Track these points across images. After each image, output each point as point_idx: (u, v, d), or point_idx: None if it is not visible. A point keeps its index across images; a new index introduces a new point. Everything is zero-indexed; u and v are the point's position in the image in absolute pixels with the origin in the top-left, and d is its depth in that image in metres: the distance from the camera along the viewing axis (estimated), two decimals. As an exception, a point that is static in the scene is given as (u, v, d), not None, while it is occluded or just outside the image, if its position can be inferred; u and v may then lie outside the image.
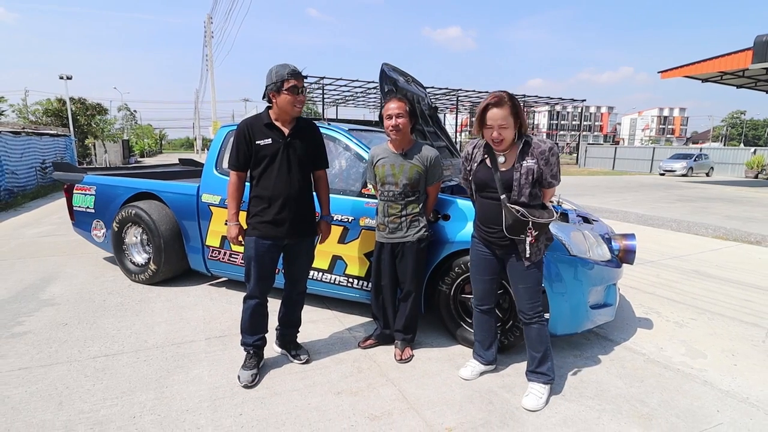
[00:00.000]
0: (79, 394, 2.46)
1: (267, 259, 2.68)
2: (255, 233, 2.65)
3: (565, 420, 2.34)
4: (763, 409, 2.47)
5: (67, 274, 4.64)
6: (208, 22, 23.48)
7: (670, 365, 2.96)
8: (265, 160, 2.60)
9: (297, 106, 2.60)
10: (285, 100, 2.54)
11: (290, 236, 2.70)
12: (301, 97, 2.59)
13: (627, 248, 3.27)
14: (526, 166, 2.32)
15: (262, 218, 2.63)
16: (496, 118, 2.27)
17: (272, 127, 2.62)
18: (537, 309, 2.49)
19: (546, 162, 2.32)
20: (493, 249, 2.53)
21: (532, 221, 2.30)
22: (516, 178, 2.33)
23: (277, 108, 2.60)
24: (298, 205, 2.69)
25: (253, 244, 2.66)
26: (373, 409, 2.38)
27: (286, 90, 2.52)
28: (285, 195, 2.62)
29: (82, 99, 28.18)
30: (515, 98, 2.31)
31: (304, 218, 2.75)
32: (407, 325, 2.99)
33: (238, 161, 2.64)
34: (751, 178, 23.80)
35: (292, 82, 2.53)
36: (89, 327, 3.34)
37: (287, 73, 2.52)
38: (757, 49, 14.89)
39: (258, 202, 2.66)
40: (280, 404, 2.41)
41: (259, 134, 2.60)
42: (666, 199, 12.71)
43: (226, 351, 3.00)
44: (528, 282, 2.46)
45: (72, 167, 5.17)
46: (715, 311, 3.95)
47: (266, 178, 2.62)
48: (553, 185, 2.40)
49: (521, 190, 2.33)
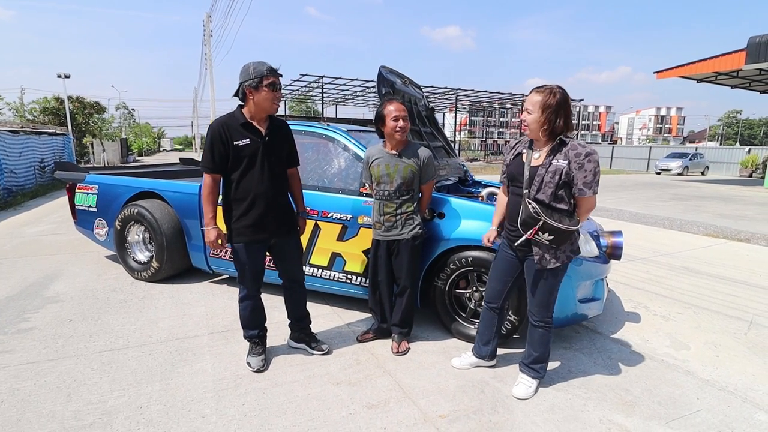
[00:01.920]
0: (86, 387, 2.56)
1: (258, 261, 2.76)
2: (243, 239, 2.66)
3: (553, 407, 2.46)
4: (741, 397, 2.60)
5: (69, 272, 4.73)
6: (207, 21, 23.51)
7: (655, 356, 3.09)
8: (245, 160, 2.57)
9: (275, 104, 2.58)
10: (264, 96, 2.52)
11: (277, 235, 2.77)
12: (279, 93, 2.59)
13: (614, 245, 3.39)
14: (555, 165, 2.26)
15: (247, 222, 2.64)
16: (529, 102, 2.31)
17: (249, 126, 2.58)
18: (545, 315, 2.50)
19: (579, 166, 2.22)
20: (515, 249, 2.49)
21: (544, 221, 2.26)
22: (541, 173, 2.29)
23: (253, 105, 2.56)
24: (280, 203, 2.74)
25: (243, 251, 2.68)
26: (370, 398, 2.50)
27: (266, 86, 2.50)
28: (267, 195, 2.63)
29: (79, 97, 28.18)
30: (560, 95, 2.24)
31: (286, 216, 2.80)
32: (403, 319, 3.11)
33: (213, 163, 2.56)
34: (745, 177, 24.01)
35: (271, 79, 2.51)
36: (94, 323, 3.44)
37: (266, 70, 2.50)
38: (750, 50, 15.06)
39: (239, 205, 2.63)
40: (281, 394, 2.52)
41: (237, 134, 2.55)
42: (660, 198, 12.86)
43: (228, 345, 3.11)
44: (541, 287, 2.44)
45: (74, 167, 5.26)
46: (701, 306, 4.08)
47: (247, 180, 2.60)
48: (585, 194, 2.24)
49: (543, 188, 2.27)
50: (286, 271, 2.96)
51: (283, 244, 2.85)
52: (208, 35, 23.50)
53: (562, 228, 2.26)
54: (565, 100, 2.26)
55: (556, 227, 2.25)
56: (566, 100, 2.26)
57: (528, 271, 2.50)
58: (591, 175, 2.23)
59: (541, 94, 2.26)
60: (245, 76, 2.52)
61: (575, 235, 2.38)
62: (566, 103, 2.26)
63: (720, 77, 18.66)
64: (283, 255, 2.89)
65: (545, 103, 2.24)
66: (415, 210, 2.99)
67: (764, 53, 14.85)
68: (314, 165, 3.78)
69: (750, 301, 4.23)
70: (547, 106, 2.23)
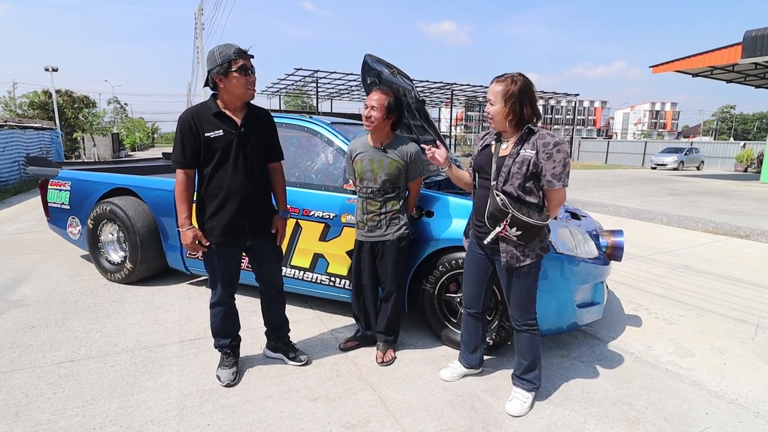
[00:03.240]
0: (38, 404, 2.32)
1: (231, 263, 2.53)
2: (215, 240, 2.43)
3: (549, 426, 2.24)
4: (753, 411, 2.40)
5: (40, 273, 4.48)
6: (199, 14, 23.09)
7: (659, 365, 2.88)
8: (217, 154, 2.33)
9: (249, 89, 2.35)
10: (235, 82, 2.28)
11: (252, 237, 2.53)
12: (252, 77, 2.35)
13: (615, 245, 3.17)
14: (522, 155, 2.14)
15: (218, 222, 2.40)
16: (491, 92, 2.21)
17: (222, 116, 2.34)
18: (527, 317, 2.34)
19: (548, 156, 2.09)
20: (484, 248, 2.36)
21: (512, 215, 2.12)
22: (508, 164, 2.16)
23: (225, 94, 2.33)
24: (257, 202, 2.48)
25: (214, 253, 2.47)
26: (349, 417, 2.27)
27: (236, 71, 2.27)
28: (242, 193, 2.39)
29: (69, 91, 27.73)
30: (521, 82, 2.14)
31: (264, 216, 2.56)
32: (389, 326, 2.88)
33: (184, 157, 2.33)
34: (740, 171, 23.94)
35: (240, 62, 2.28)
36: (57, 330, 3.20)
37: (233, 52, 2.26)
38: (746, 44, 14.96)
39: (211, 202, 2.39)
40: (251, 412, 2.29)
41: (208, 125, 2.32)
42: (657, 193, 12.69)
43: (199, 355, 2.88)
44: (516, 288, 2.30)
45: (47, 162, 5.00)
46: (705, 307, 3.88)
47: (220, 176, 2.36)
48: (554, 186, 2.11)
49: (511, 179, 2.15)
50: (263, 276, 2.71)
51: (261, 245, 2.61)
52: (200, 28, 23.10)
53: (531, 223, 2.11)
54: (528, 87, 2.16)
55: (524, 222, 2.11)
56: (528, 87, 2.16)
57: (500, 273, 2.35)
58: (560, 166, 2.10)
59: (501, 83, 2.16)
60: (212, 63, 2.28)
61: (545, 231, 2.26)
62: (529, 89, 2.16)
63: (715, 71, 18.53)
64: (260, 258, 2.65)
65: (507, 93, 2.14)
66: (401, 209, 2.76)
67: (760, 47, 14.75)
68: (295, 160, 3.54)
69: (754, 302, 4.04)
70: (509, 96, 2.14)
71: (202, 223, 2.45)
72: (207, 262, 2.54)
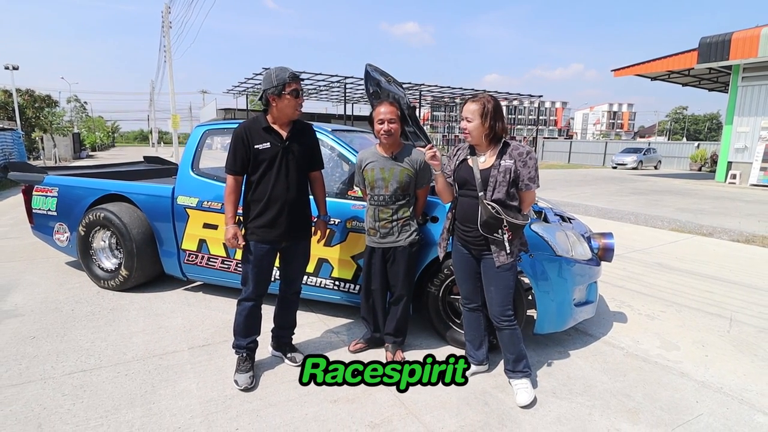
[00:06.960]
0: (59, 415, 2.32)
1: (265, 262, 2.71)
2: (253, 237, 2.66)
3: (559, 418, 2.41)
4: (737, 398, 2.63)
5: (27, 282, 4.36)
6: (166, 12, 22.49)
7: (648, 358, 3.10)
8: (264, 164, 2.60)
9: (297, 110, 2.64)
10: (287, 103, 2.57)
11: (287, 239, 2.72)
12: (301, 99, 2.64)
13: (606, 246, 3.39)
14: (504, 165, 2.42)
15: (259, 222, 2.64)
16: (467, 111, 2.48)
17: (270, 130, 2.63)
18: (507, 313, 2.56)
19: (524, 164, 2.42)
20: (470, 249, 2.59)
21: (506, 220, 2.40)
22: (494, 175, 2.43)
23: (276, 111, 2.61)
24: (295, 208, 2.70)
25: (251, 248, 2.67)
26: (372, 416, 2.37)
27: (288, 93, 2.55)
28: (283, 198, 2.63)
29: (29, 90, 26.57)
30: (493, 102, 2.45)
31: (300, 221, 2.77)
32: (398, 328, 2.99)
33: (235, 165, 2.62)
34: (695, 170, 25.18)
35: (293, 86, 2.56)
36: (60, 340, 3.16)
37: (288, 77, 2.54)
38: (702, 50, 15.88)
39: (255, 206, 2.65)
40: (276, 416, 2.35)
41: (258, 138, 2.60)
42: (621, 192, 13.26)
43: (212, 361, 2.91)
44: (499, 284, 2.53)
45: (31, 167, 4.85)
46: (681, 303, 4.17)
47: (264, 183, 2.62)
48: (531, 188, 2.45)
49: (498, 188, 2.42)
50: (287, 276, 2.88)
51: (294, 248, 2.82)
52: (167, 27, 22.50)
53: (518, 223, 2.44)
54: (499, 106, 2.48)
55: (513, 223, 2.42)
56: (499, 106, 2.49)
57: (486, 272, 2.58)
58: (533, 170, 2.44)
59: (477, 103, 2.46)
60: (268, 84, 2.55)
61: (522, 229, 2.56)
62: (499, 108, 2.48)
63: (673, 75, 19.54)
64: (288, 259, 2.84)
65: (483, 111, 2.43)
66: (411, 215, 2.88)
67: (714, 53, 15.67)
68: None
69: (726, 297, 4.35)
70: (486, 114, 2.43)
71: (246, 223, 2.70)
72: (244, 259, 2.72)
